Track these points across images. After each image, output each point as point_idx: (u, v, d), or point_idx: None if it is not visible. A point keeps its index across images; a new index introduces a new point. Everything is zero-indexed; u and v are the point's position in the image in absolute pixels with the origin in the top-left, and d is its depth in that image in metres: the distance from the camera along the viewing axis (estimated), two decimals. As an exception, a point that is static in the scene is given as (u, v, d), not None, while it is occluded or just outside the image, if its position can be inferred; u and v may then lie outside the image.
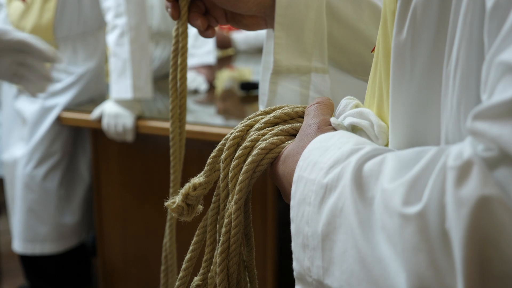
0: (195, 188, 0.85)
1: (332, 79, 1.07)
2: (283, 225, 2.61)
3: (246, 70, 3.29)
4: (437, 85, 0.64)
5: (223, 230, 0.82)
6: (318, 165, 0.69)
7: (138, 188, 2.78)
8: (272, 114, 0.85)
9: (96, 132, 2.75)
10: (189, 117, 2.79)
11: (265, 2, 1.04)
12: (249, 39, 4.10)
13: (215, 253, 0.85)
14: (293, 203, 0.71)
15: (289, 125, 0.83)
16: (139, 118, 2.66)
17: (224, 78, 3.18)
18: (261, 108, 1.09)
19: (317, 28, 1.04)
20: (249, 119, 0.86)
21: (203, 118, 2.76)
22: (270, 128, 0.83)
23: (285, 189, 0.77)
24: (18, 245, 2.82)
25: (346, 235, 0.62)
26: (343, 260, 0.63)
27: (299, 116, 0.85)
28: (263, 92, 1.12)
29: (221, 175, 0.83)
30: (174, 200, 0.86)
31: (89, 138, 2.86)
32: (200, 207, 0.88)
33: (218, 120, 2.85)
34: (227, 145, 0.83)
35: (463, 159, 0.53)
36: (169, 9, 1.08)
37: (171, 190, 1.14)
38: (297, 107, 0.86)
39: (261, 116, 0.86)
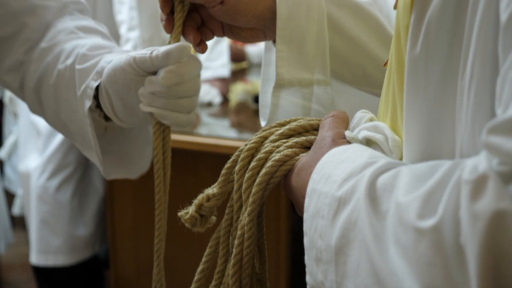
0: (208, 199, 0.85)
1: (333, 91, 1.06)
2: (296, 238, 2.60)
3: (259, 83, 3.29)
4: (451, 99, 0.64)
5: (236, 242, 0.82)
6: (331, 178, 0.69)
7: (151, 200, 2.77)
8: (287, 126, 0.85)
9: (110, 144, 2.76)
10: (202, 130, 2.79)
11: (264, 14, 1.02)
12: (263, 52, 4.09)
13: (227, 265, 0.85)
14: (306, 216, 0.71)
15: (304, 138, 0.83)
16: (152, 130, 2.66)
17: (238, 91, 3.19)
18: (262, 121, 1.09)
19: (318, 40, 1.03)
20: (264, 131, 0.86)
21: (216, 131, 2.76)
22: (285, 140, 0.83)
23: (299, 202, 0.77)
24: (32, 257, 2.83)
25: (360, 248, 0.62)
26: (357, 274, 0.62)
27: (313, 129, 0.85)
28: (264, 104, 1.11)
29: (235, 187, 0.83)
30: (188, 211, 0.86)
31: (103, 150, 2.86)
32: (214, 218, 0.88)
33: (232, 133, 2.85)
34: (241, 156, 0.83)
35: (478, 173, 0.52)
36: (163, 22, 1.06)
37: (156, 247, 1.10)
38: (312, 120, 0.86)
39: (275, 128, 0.86)
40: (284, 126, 0.86)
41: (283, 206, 2.53)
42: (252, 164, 0.82)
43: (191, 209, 0.86)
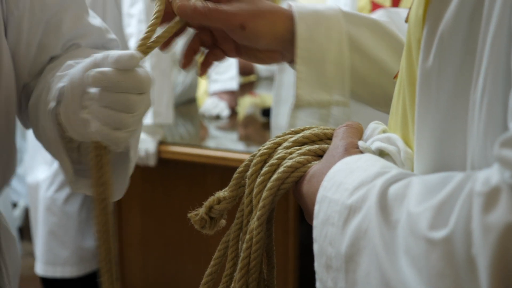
0: (219, 201, 0.85)
1: (351, 110, 1.05)
2: (304, 251, 2.60)
3: (267, 97, 3.30)
4: (463, 111, 0.64)
5: (244, 246, 0.82)
6: (342, 186, 0.69)
7: (159, 212, 2.79)
8: (300, 134, 0.85)
9: (118, 156, 2.76)
10: (210, 143, 2.80)
11: (284, 36, 1.01)
12: (271, 65, 4.09)
13: (236, 269, 0.85)
14: (316, 223, 0.71)
15: (317, 146, 0.83)
16: (161, 143, 2.68)
17: (246, 104, 3.19)
18: None
19: (338, 60, 1.02)
20: (278, 137, 0.86)
21: (224, 144, 2.77)
22: (298, 147, 0.84)
23: (308, 209, 0.77)
24: (39, 268, 2.84)
25: (370, 257, 0.62)
26: (367, 282, 0.63)
27: (327, 138, 0.85)
28: (276, 126, 1.09)
29: (246, 191, 0.83)
30: (198, 212, 0.86)
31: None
32: (223, 222, 0.88)
33: (240, 146, 2.86)
34: (254, 161, 0.84)
35: (490, 186, 0.53)
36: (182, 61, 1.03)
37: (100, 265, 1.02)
38: (326, 129, 0.86)
39: (289, 135, 0.86)
40: (298, 133, 0.86)
41: (291, 219, 2.53)
42: (264, 169, 0.82)
43: (201, 211, 0.86)
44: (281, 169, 0.81)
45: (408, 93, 0.74)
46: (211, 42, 1.05)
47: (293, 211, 2.53)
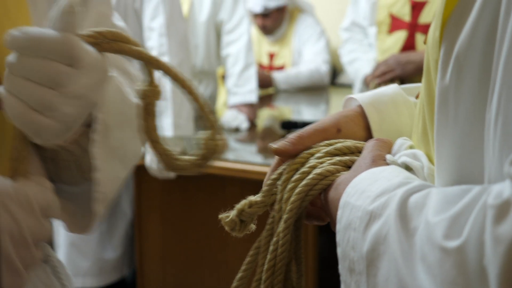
0: (250, 205, 0.87)
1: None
2: (323, 262, 2.61)
3: (286, 109, 3.32)
4: (480, 129, 0.65)
5: (270, 248, 0.85)
6: (365, 193, 0.71)
7: (179, 224, 2.81)
8: (333, 146, 0.88)
9: (139, 168, 2.79)
10: (230, 155, 2.82)
11: (367, 128, 0.97)
12: (289, 78, 4.13)
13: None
14: (338, 227, 0.74)
15: (347, 157, 0.86)
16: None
17: (265, 117, 3.21)
18: None
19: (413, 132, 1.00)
20: (312, 148, 0.89)
21: (244, 156, 2.78)
22: (329, 158, 0.87)
23: (332, 215, 0.79)
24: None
25: (389, 262, 0.65)
26: (386, 287, 0.65)
27: (358, 151, 0.88)
28: None
29: (277, 198, 0.86)
30: (228, 215, 0.89)
31: (132, 174, 2.90)
32: (253, 226, 0.91)
33: (259, 158, 2.87)
34: (286, 169, 0.86)
35: (502, 199, 0.54)
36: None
37: None
38: (359, 143, 0.89)
39: (323, 147, 0.89)
40: (331, 145, 0.89)
41: (310, 231, 2.53)
42: (295, 176, 0.85)
43: (232, 213, 0.89)
44: (310, 175, 0.84)
45: (428, 112, 0.76)
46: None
47: (312, 225, 2.53)
